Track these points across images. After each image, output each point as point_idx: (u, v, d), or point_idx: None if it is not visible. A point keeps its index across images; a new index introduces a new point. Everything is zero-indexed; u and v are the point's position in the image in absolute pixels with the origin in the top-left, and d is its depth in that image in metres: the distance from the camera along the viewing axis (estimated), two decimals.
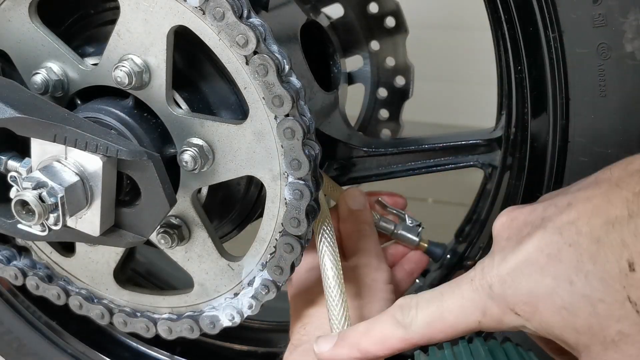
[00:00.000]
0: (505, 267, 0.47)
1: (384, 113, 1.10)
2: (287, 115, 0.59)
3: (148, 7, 0.59)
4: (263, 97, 0.59)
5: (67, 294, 0.78)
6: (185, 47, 0.64)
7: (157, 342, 0.91)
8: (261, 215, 0.67)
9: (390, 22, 1.06)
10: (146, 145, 0.63)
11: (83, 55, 0.66)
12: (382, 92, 1.09)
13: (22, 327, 0.94)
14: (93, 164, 0.57)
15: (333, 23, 1.04)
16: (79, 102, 0.67)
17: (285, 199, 0.63)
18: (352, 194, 0.84)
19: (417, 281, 0.89)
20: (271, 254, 0.67)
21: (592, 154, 0.63)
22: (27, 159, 0.60)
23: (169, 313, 0.76)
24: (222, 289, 0.72)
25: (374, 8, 1.06)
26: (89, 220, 0.60)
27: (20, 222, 0.59)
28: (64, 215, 0.58)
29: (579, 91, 0.61)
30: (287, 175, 0.62)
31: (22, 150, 0.61)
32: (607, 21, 0.57)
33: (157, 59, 0.61)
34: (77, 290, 0.78)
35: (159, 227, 0.68)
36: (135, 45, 0.61)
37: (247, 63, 0.58)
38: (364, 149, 0.87)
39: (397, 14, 1.06)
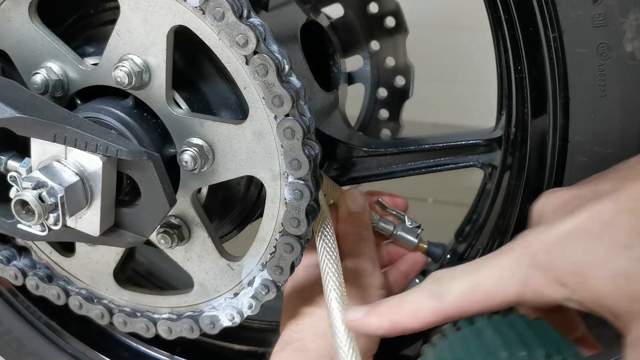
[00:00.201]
0: (553, 234, 0.44)
1: (384, 113, 1.10)
2: (287, 115, 0.59)
3: (148, 7, 0.59)
4: (263, 97, 0.59)
5: (67, 294, 0.78)
6: (185, 47, 0.64)
7: (157, 342, 0.91)
8: (261, 215, 0.67)
9: (390, 22, 1.06)
10: (146, 145, 0.63)
11: (83, 55, 0.66)
12: (382, 92, 1.09)
13: (22, 327, 0.94)
14: (93, 163, 0.57)
15: (333, 23, 1.04)
16: (79, 102, 0.67)
17: (285, 198, 0.63)
18: (353, 196, 0.82)
19: (417, 281, 0.89)
20: (271, 254, 0.67)
21: (592, 154, 0.63)
22: (27, 158, 0.60)
23: (169, 313, 0.76)
24: (222, 289, 0.72)
25: (374, 8, 1.06)
26: (89, 220, 0.60)
27: (20, 222, 0.59)
28: (63, 215, 0.58)
29: (579, 91, 0.61)
30: (287, 175, 0.62)
31: (22, 150, 0.61)
32: (607, 21, 0.57)
33: (157, 58, 0.61)
34: (77, 290, 0.78)
35: (158, 227, 0.68)
36: (135, 45, 0.61)
37: (247, 63, 0.58)
38: (364, 149, 0.87)
39: (397, 14, 1.06)
